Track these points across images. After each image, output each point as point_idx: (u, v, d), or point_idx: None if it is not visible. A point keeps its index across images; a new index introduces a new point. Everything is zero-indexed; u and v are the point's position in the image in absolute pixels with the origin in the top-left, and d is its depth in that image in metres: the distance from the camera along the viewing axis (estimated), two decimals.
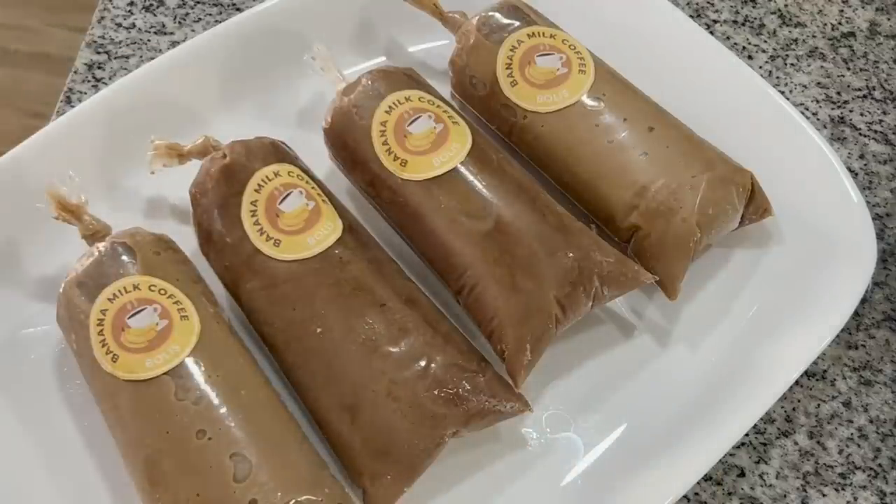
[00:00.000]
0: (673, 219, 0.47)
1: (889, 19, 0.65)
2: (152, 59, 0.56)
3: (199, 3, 0.62)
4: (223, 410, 0.41)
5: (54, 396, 0.47)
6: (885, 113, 0.61)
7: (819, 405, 0.50)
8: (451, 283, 0.48)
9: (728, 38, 0.64)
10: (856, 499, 0.47)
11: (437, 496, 0.45)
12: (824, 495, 0.47)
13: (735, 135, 0.52)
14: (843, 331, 0.51)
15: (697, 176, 0.48)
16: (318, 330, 0.44)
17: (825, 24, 0.65)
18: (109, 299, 0.43)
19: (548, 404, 0.48)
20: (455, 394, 0.42)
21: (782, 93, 0.59)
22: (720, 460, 0.45)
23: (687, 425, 0.46)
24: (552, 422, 0.47)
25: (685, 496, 0.47)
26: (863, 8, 0.66)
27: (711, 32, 0.62)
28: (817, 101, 0.61)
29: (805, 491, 0.47)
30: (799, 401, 0.50)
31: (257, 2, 0.61)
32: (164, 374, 0.41)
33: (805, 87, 0.61)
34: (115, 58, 0.59)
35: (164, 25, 0.61)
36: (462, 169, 0.47)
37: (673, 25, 0.58)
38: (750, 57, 0.63)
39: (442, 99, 0.51)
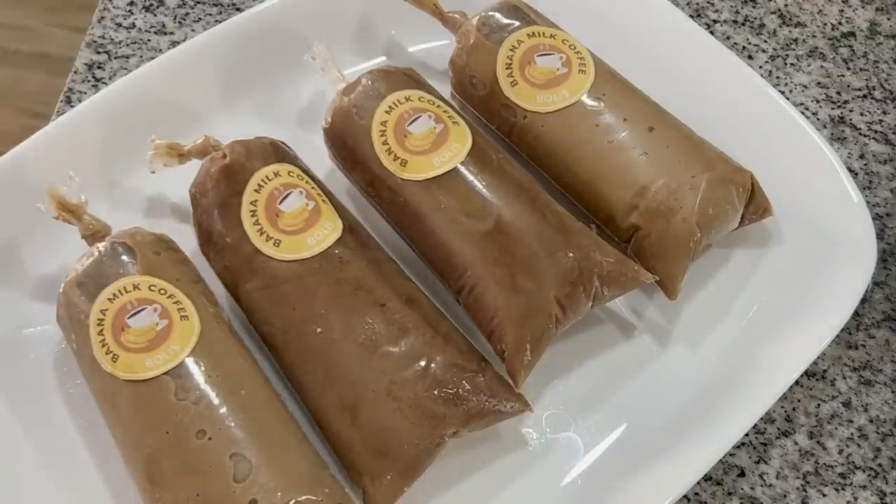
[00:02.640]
0: (673, 219, 0.47)
1: (889, 19, 0.65)
2: (152, 58, 0.56)
3: (199, 2, 0.62)
4: (223, 410, 0.41)
5: (54, 396, 0.47)
6: (885, 113, 0.61)
7: (819, 405, 0.50)
8: (451, 283, 0.48)
9: (728, 38, 0.64)
10: (856, 499, 0.47)
11: (437, 496, 0.45)
12: (824, 495, 0.47)
13: (735, 135, 0.52)
14: (843, 331, 0.51)
15: (697, 176, 0.48)
16: (318, 330, 0.44)
17: (825, 24, 0.65)
18: (109, 299, 0.43)
19: (548, 404, 0.48)
20: (455, 394, 0.42)
21: (782, 93, 0.59)
22: (720, 460, 0.45)
23: (687, 425, 0.46)
24: (552, 422, 0.47)
25: (685, 496, 0.47)
26: (863, 8, 0.66)
27: (711, 32, 0.62)
28: (817, 101, 0.61)
29: (805, 491, 0.47)
30: (799, 401, 0.50)
31: (257, 2, 0.61)
32: (164, 373, 0.41)
33: (805, 86, 0.61)
34: (116, 58, 0.59)
35: (164, 25, 0.61)
36: (462, 169, 0.47)
37: (673, 25, 0.58)
38: (750, 57, 0.63)
39: (442, 99, 0.51)
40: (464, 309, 0.48)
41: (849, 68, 0.62)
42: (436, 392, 0.42)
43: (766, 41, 0.64)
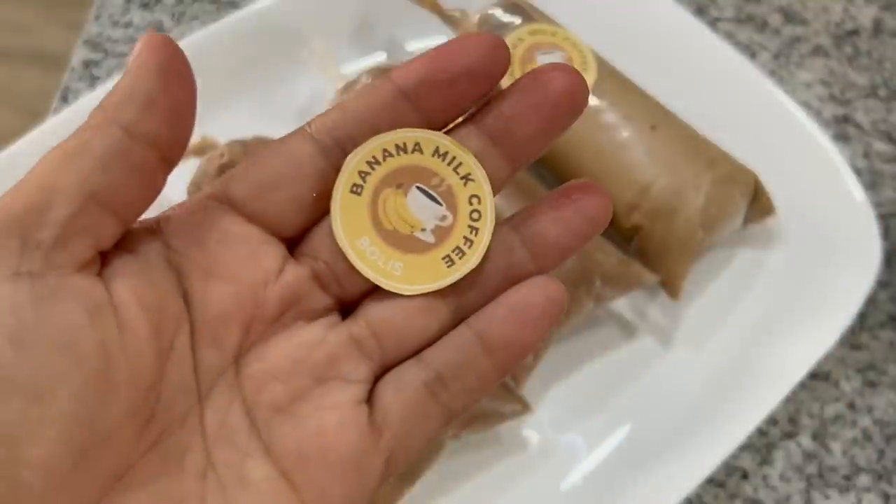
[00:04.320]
0: (676, 218, 0.47)
1: (894, 17, 0.65)
2: None
3: (196, 0, 0.62)
4: None
5: None
6: (889, 111, 0.60)
7: (823, 406, 0.50)
8: None
9: (731, 35, 0.63)
10: (860, 501, 0.47)
11: (437, 498, 0.44)
12: (828, 497, 0.47)
13: (738, 133, 0.52)
14: (847, 331, 0.51)
15: (700, 175, 0.48)
16: None
17: (829, 22, 0.64)
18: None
19: (549, 406, 0.47)
20: None
21: (786, 91, 0.59)
22: (723, 462, 0.44)
23: (690, 427, 0.45)
24: (553, 423, 0.47)
25: (688, 498, 0.46)
26: (867, 5, 0.65)
27: (714, 30, 0.62)
28: (821, 100, 0.60)
29: (809, 493, 0.47)
30: (803, 402, 0.50)
31: None
32: None
33: (809, 85, 0.61)
34: (112, 55, 0.59)
35: (161, 23, 0.60)
36: None
37: (675, 23, 0.57)
38: (753, 55, 0.62)
39: None
40: None
41: (853, 66, 0.62)
42: None
43: (769, 39, 0.63)
